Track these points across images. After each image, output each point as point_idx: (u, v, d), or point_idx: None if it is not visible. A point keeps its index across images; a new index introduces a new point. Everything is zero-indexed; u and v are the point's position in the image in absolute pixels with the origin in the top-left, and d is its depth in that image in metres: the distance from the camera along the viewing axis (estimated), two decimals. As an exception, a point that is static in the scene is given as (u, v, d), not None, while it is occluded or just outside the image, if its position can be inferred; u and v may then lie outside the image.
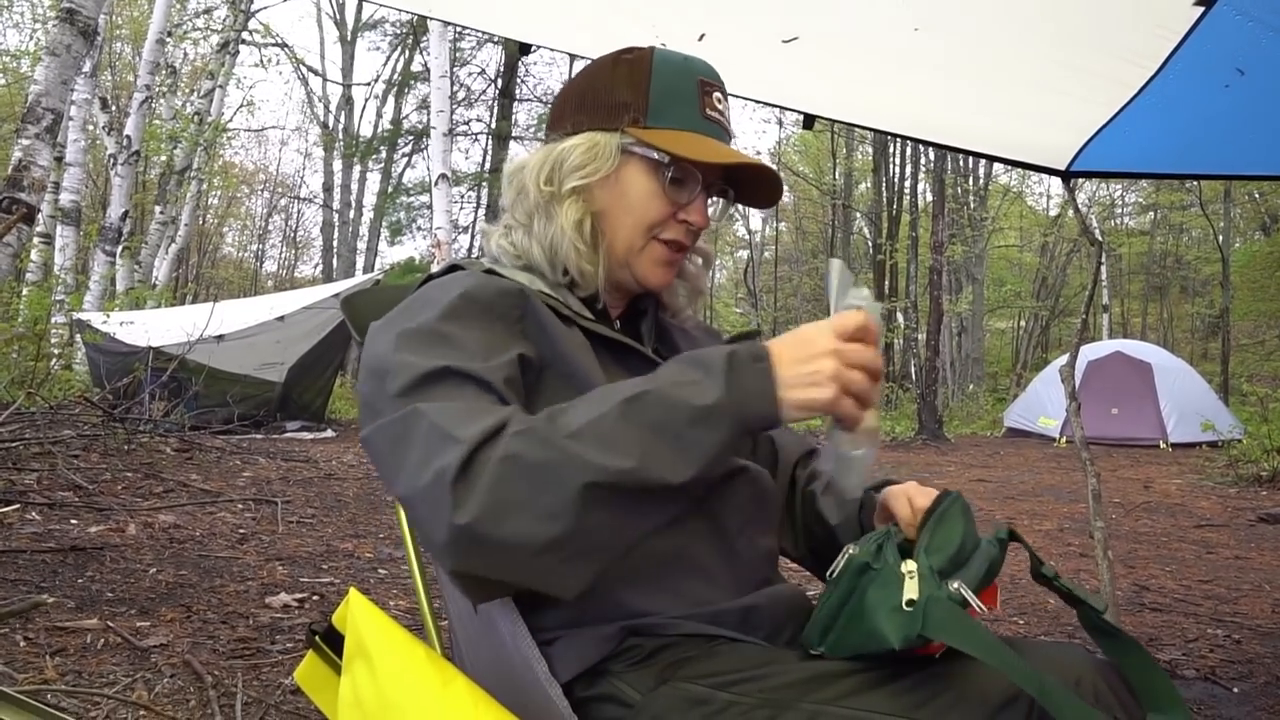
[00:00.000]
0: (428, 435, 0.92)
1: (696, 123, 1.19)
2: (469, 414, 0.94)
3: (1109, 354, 12.96)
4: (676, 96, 1.20)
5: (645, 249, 1.21)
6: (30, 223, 3.98)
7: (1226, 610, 3.96)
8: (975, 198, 26.39)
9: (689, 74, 1.21)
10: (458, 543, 0.87)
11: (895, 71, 2.34)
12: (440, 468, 0.88)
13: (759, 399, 0.93)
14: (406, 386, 0.98)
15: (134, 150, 12.61)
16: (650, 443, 0.89)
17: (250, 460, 7.21)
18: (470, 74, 24.58)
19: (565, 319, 1.14)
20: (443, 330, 1.04)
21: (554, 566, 0.89)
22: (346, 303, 1.40)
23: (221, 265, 33.26)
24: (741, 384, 0.92)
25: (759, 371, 0.93)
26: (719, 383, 0.92)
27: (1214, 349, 25.79)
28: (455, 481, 0.87)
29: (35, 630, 2.78)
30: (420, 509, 0.91)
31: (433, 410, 0.94)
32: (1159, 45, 1.90)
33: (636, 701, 1.01)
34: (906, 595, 0.95)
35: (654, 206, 1.20)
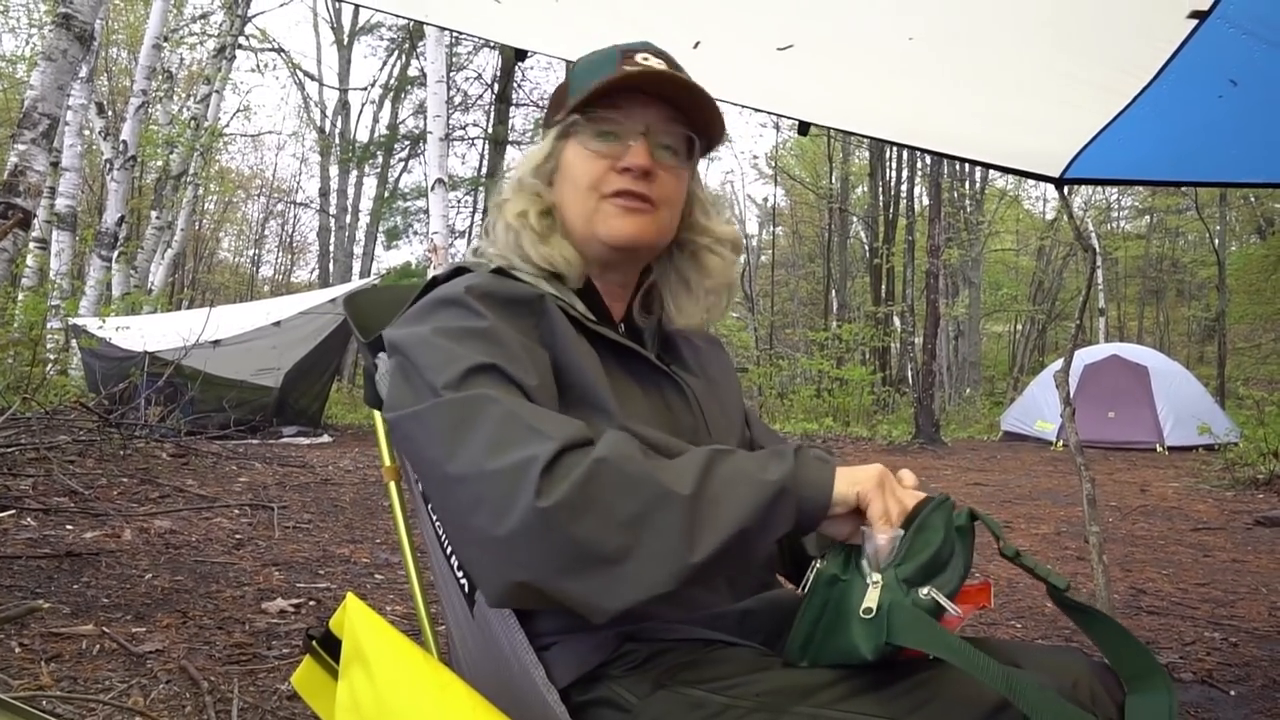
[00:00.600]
0: (506, 422, 0.94)
1: (611, 74, 1.18)
2: (548, 415, 0.97)
3: (1106, 358, 12.97)
4: (594, 68, 1.21)
5: (597, 210, 1.20)
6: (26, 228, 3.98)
7: (1223, 613, 3.96)
8: (971, 202, 26.42)
9: (611, 50, 1.23)
10: (531, 526, 0.88)
11: (889, 79, 2.35)
12: (528, 456, 0.90)
13: (814, 485, 0.99)
14: (460, 375, 0.99)
15: (130, 155, 12.60)
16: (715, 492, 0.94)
17: (246, 465, 7.19)
18: (467, 79, 24.60)
19: (574, 323, 1.15)
20: (484, 329, 1.06)
21: (602, 582, 0.90)
22: (349, 301, 1.40)
23: (218, 270, 33.21)
24: (805, 470, 0.99)
25: (822, 469, 1.00)
26: (787, 465, 0.99)
27: (1210, 352, 25.84)
28: (544, 472, 0.89)
29: (30, 636, 2.78)
30: (486, 491, 0.91)
31: (507, 400, 0.97)
32: (1153, 55, 1.91)
33: (634, 706, 1.01)
34: (865, 604, 0.95)
35: (588, 168, 1.20)
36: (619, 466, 0.92)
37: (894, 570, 0.97)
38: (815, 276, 30.29)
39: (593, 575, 0.89)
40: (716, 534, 0.92)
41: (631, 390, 1.17)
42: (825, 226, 27.33)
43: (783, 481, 0.96)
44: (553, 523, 0.87)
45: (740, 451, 1.02)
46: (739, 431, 1.32)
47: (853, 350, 21.39)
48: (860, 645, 0.95)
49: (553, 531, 0.88)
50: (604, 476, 0.90)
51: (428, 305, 1.12)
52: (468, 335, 1.04)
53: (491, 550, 0.90)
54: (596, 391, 1.09)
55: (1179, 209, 26.70)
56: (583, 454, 0.92)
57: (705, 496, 0.93)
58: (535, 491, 0.87)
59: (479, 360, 1.00)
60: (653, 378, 1.22)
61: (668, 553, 0.90)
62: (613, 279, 1.26)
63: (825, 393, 19.00)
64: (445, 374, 0.99)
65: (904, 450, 12.36)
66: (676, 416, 1.20)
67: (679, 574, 0.90)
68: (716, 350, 1.42)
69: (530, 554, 0.89)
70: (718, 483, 0.95)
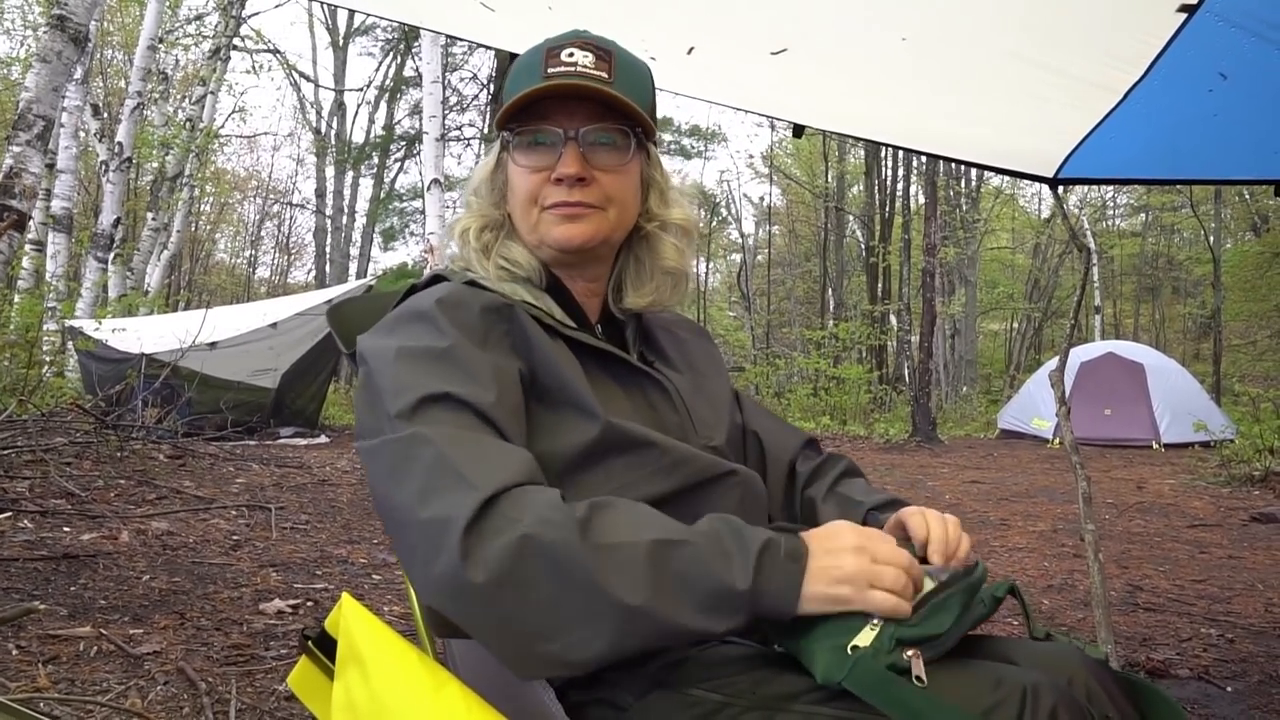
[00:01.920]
0: (434, 467, 0.93)
1: (535, 84, 1.17)
2: (481, 454, 0.95)
3: (1101, 355, 12.98)
4: (522, 73, 1.20)
5: (539, 221, 1.21)
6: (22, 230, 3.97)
7: (1220, 610, 3.97)
8: (967, 200, 26.45)
9: (539, 49, 1.21)
10: (456, 591, 0.88)
11: (884, 81, 2.35)
12: (450, 513, 0.89)
13: (779, 598, 0.93)
14: (408, 408, 0.99)
15: (126, 157, 12.59)
16: (665, 592, 0.90)
17: (243, 467, 7.18)
18: (462, 79, 24.57)
19: (550, 329, 1.15)
20: (443, 350, 1.05)
21: (523, 653, 0.90)
22: (333, 313, 1.39)
23: (214, 271, 33.17)
24: (770, 579, 0.93)
25: (790, 571, 0.94)
26: (748, 570, 0.92)
27: (1206, 349, 25.88)
28: (466, 531, 0.88)
29: (28, 638, 2.77)
30: (418, 541, 0.91)
31: (440, 439, 0.95)
32: (1143, 50, 1.92)
33: (630, 705, 1.01)
34: (854, 640, 0.94)
35: (524, 182, 1.20)
36: (549, 550, 0.88)
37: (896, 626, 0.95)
38: (811, 275, 30.30)
39: (512, 645, 0.89)
40: (652, 635, 0.90)
41: (613, 392, 1.17)
42: (821, 225, 27.34)
43: (743, 593, 0.91)
44: (474, 594, 0.87)
45: (700, 537, 0.94)
46: (727, 424, 1.32)
47: (849, 349, 21.39)
48: (818, 664, 0.94)
49: (473, 602, 0.88)
50: (531, 558, 0.88)
51: (399, 317, 1.13)
52: (427, 357, 1.04)
53: (428, 596, 0.92)
54: (577, 393, 1.10)
55: (1174, 206, 26.74)
56: (513, 508, 0.90)
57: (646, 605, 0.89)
58: (460, 556, 0.87)
59: (431, 390, 1.00)
60: (634, 378, 1.22)
61: (593, 640, 0.89)
62: (580, 277, 1.27)
63: (822, 391, 19.00)
64: (399, 402, 1.00)
65: (901, 448, 12.37)
66: (661, 415, 1.20)
67: (603, 660, 0.91)
68: (701, 341, 1.42)
69: (455, 611, 0.90)
70: (665, 585, 0.90)
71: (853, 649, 0.93)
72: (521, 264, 1.22)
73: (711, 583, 0.91)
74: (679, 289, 1.32)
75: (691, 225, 1.32)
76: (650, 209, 1.28)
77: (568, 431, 1.09)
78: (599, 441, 1.09)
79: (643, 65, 1.25)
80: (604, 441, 1.09)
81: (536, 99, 1.16)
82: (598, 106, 1.18)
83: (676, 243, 1.29)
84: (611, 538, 0.91)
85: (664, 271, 1.29)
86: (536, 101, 1.17)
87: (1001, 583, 1.11)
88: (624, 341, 1.29)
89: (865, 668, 0.91)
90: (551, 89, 1.15)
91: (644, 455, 1.11)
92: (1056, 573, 4.62)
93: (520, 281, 1.22)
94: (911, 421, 13.76)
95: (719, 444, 1.26)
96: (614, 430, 1.09)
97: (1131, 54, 1.93)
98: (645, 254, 1.29)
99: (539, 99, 1.16)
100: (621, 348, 1.26)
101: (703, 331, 1.46)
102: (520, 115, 1.18)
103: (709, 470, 1.15)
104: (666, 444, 1.13)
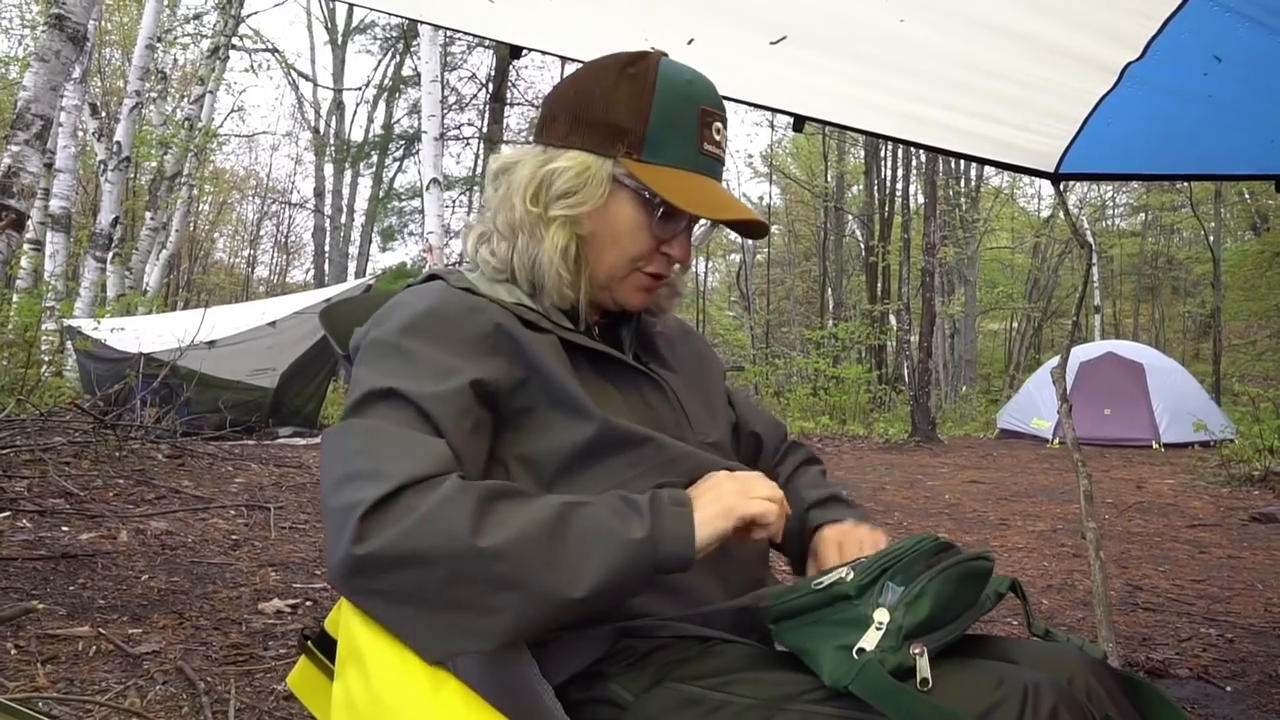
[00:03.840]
0: (353, 458, 0.95)
1: (693, 160, 1.17)
2: (399, 447, 0.96)
3: (1101, 355, 12.98)
4: (675, 129, 1.16)
5: (627, 279, 1.21)
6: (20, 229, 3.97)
7: (1219, 609, 3.97)
8: (967, 200, 26.45)
9: (691, 101, 1.18)
10: (348, 568, 0.90)
11: (883, 67, 2.34)
12: (356, 499, 0.91)
13: (676, 540, 0.98)
14: (355, 401, 1.02)
15: (124, 156, 12.58)
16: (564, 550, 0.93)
17: (242, 466, 7.18)
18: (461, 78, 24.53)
19: (543, 330, 1.14)
20: (403, 345, 1.07)
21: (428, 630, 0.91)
22: (325, 315, 1.38)
23: (213, 271, 33.17)
24: (663, 524, 0.98)
25: (679, 515, 0.99)
26: (645, 521, 0.97)
27: (1206, 349, 25.88)
28: (363, 518, 0.89)
29: (26, 638, 2.77)
30: (331, 526, 0.93)
31: (365, 433, 0.98)
32: (1139, 31, 1.94)
33: (630, 703, 1.01)
34: (861, 643, 0.94)
35: (640, 240, 1.19)
36: (445, 527, 0.90)
37: (903, 615, 0.95)
38: (811, 275, 30.32)
39: (408, 623, 0.91)
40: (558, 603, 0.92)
41: (609, 392, 1.17)
42: (821, 225, 27.36)
43: (642, 540, 0.96)
44: (364, 569, 0.89)
45: (598, 502, 0.99)
46: (723, 422, 1.33)
47: (849, 349, 21.40)
48: (825, 667, 0.94)
49: (363, 577, 0.90)
50: (426, 537, 0.89)
51: (382, 313, 1.15)
52: (388, 353, 1.07)
53: (332, 581, 0.94)
54: (571, 393, 1.09)
55: (1174, 206, 26.75)
56: (418, 497, 0.91)
57: (550, 563, 0.92)
58: (352, 537, 0.88)
59: (378, 385, 1.02)
60: (630, 377, 1.22)
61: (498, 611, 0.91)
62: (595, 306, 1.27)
63: (821, 391, 19.02)
64: (353, 395, 1.04)
65: (900, 448, 12.37)
66: (658, 413, 1.20)
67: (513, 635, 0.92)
68: (693, 340, 1.43)
69: (351, 590, 0.92)
70: (567, 548, 0.93)
71: (859, 651, 0.93)
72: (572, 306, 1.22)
73: (612, 539, 0.95)
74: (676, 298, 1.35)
75: None
76: None
77: (563, 431, 1.09)
78: (595, 440, 1.09)
79: None
80: (600, 440, 1.09)
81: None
82: None
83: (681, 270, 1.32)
84: (511, 512, 0.94)
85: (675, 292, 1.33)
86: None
87: (1003, 578, 1.11)
88: (619, 341, 1.29)
89: (872, 673, 0.91)
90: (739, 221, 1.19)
91: (641, 453, 1.11)
92: (1056, 572, 4.61)
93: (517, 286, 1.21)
94: (911, 421, 13.76)
95: (716, 440, 1.26)
96: (610, 428, 1.09)
97: (1129, 35, 1.95)
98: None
99: None
100: (617, 347, 1.25)
101: (694, 331, 1.47)
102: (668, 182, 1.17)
103: (706, 467, 1.15)
104: (663, 441, 1.13)
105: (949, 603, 0.99)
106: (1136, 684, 1.07)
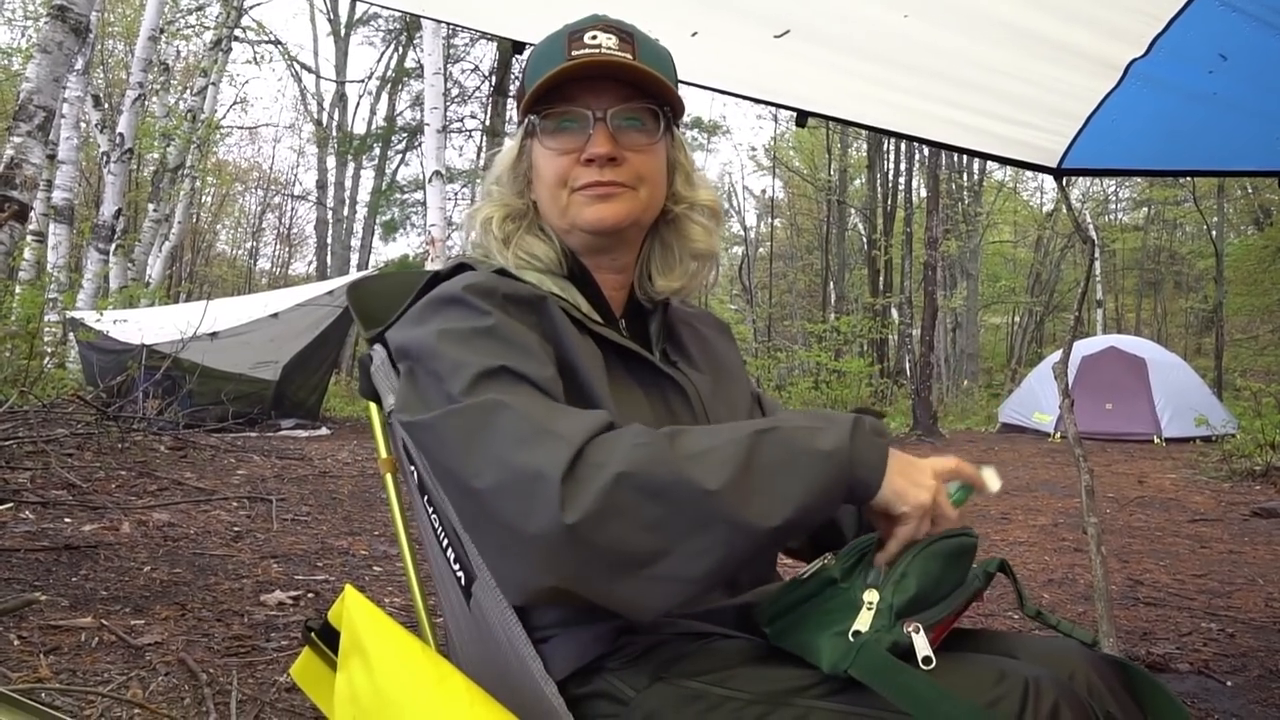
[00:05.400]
0: (520, 426, 0.93)
1: (558, 64, 1.15)
2: (560, 411, 0.96)
3: (1103, 349, 12.98)
4: (544, 58, 1.18)
5: (569, 204, 1.19)
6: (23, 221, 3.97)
7: (1220, 604, 3.97)
8: (969, 193, 26.41)
9: (560, 34, 1.19)
10: (559, 540, 0.87)
11: (887, 62, 2.34)
12: (545, 463, 0.89)
13: (869, 467, 0.97)
14: (468, 383, 0.98)
15: (127, 148, 12.57)
16: (760, 479, 0.92)
17: (245, 458, 7.19)
18: (464, 70, 24.51)
19: (577, 323, 1.14)
20: (489, 328, 1.05)
21: (642, 584, 0.90)
22: (353, 289, 1.36)
23: (215, 263, 33.16)
24: (860, 445, 0.97)
25: (877, 445, 0.98)
26: (843, 434, 0.96)
27: (1208, 344, 25.86)
28: (564, 479, 0.88)
29: (29, 629, 2.78)
30: (508, 505, 0.90)
31: (517, 403, 0.95)
32: (1145, 29, 1.93)
33: (631, 699, 1.01)
34: (855, 626, 0.95)
35: (553, 165, 1.19)
36: (643, 470, 0.89)
37: (891, 594, 0.96)
38: (813, 269, 30.28)
39: (626, 580, 0.90)
40: (761, 528, 0.91)
41: (633, 392, 1.16)
42: (823, 219, 27.32)
43: (837, 451, 0.95)
44: (582, 535, 0.87)
45: (784, 420, 0.98)
46: None
47: (851, 342, 21.39)
48: (823, 654, 0.95)
49: (580, 544, 0.88)
50: (630, 484, 0.89)
51: (430, 305, 1.11)
52: (474, 336, 1.04)
53: (515, 555, 0.91)
54: (595, 394, 1.09)
55: (1177, 200, 26.69)
56: (601, 451, 0.91)
57: (748, 490, 0.91)
58: (559, 502, 0.87)
59: (487, 364, 1.00)
60: (654, 379, 1.21)
61: (706, 549, 0.90)
62: (608, 267, 1.24)
63: (823, 385, 18.98)
64: (456, 381, 0.99)
65: (902, 442, 12.34)
66: (679, 418, 1.19)
67: (720, 570, 0.92)
68: (725, 339, 1.41)
69: (560, 563, 0.89)
70: (760, 470, 0.92)
71: (854, 635, 0.94)
72: (541, 258, 1.21)
73: (806, 449, 0.94)
74: (707, 271, 1.30)
75: (719, 207, 1.30)
76: (677, 191, 1.26)
77: None
78: None
79: (663, 48, 1.24)
80: None
81: (561, 81, 1.14)
82: (625, 87, 1.17)
83: (705, 224, 1.28)
84: (700, 445, 0.94)
85: (693, 255, 1.27)
86: (561, 84, 1.15)
87: (992, 559, 1.11)
88: (647, 336, 1.27)
89: (870, 654, 0.92)
90: (578, 68, 1.13)
91: None
92: (1057, 567, 4.62)
93: (544, 273, 1.21)
94: (912, 415, 13.76)
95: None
96: None
97: (1134, 31, 1.95)
98: (673, 238, 1.27)
99: (564, 81, 1.15)
100: (645, 342, 1.25)
101: (727, 329, 1.44)
102: (545, 99, 1.16)
103: None
104: None
105: (937, 580, 0.99)
106: (1137, 677, 1.07)
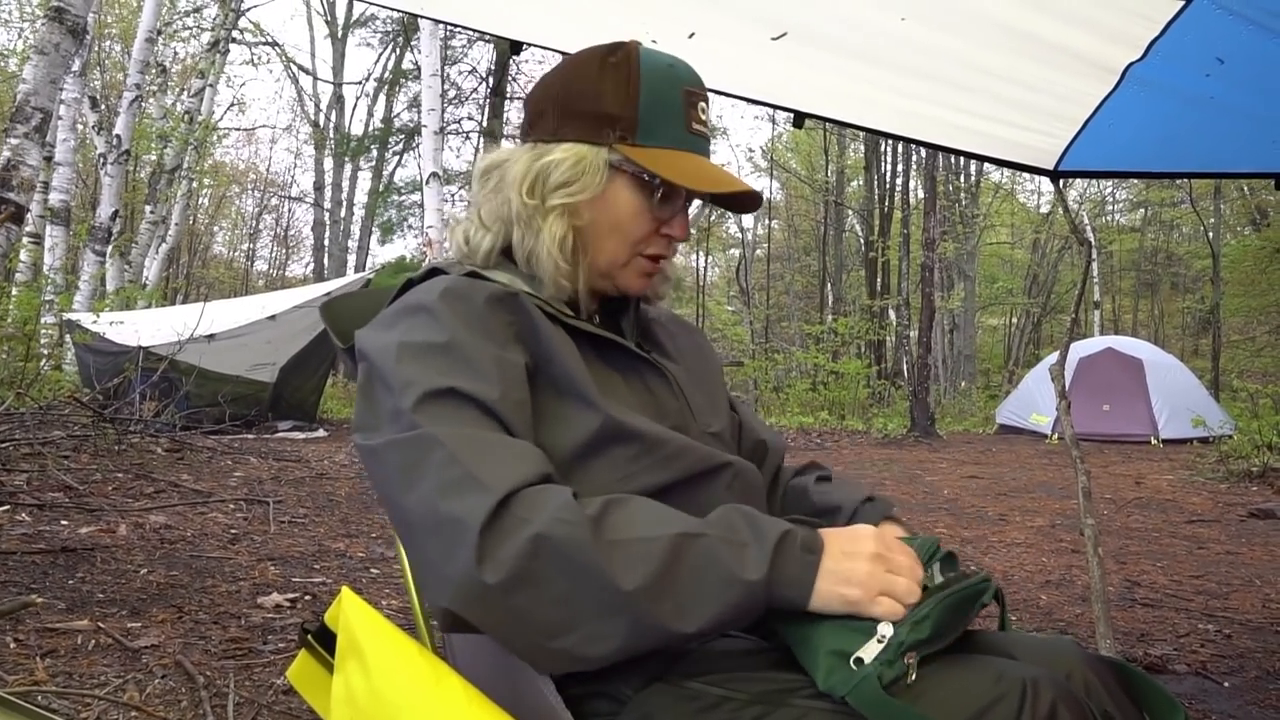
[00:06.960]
0: (445, 468, 0.93)
1: (684, 140, 1.18)
2: (491, 454, 0.95)
3: (1100, 350, 12.99)
4: (664, 111, 1.18)
5: (629, 264, 1.22)
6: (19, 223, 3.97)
7: (1217, 605, 3.98)
8: (967, 195, 26.44)
9: (675, 84, 1.19)
10: (471, 594, 0.88)
11: (883, 65, 2.34)
12: (465, 512, 0.89)
13: (794, 587, 0.95)
14: (413, 404, 0.99)
15: (124, 149, 12.56)
16: (679, 586, 0.91)
17: (242, 460, 7.19)
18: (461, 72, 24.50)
19: (550, 318, 1.15)
20: (445, 343, 1.04)
21: (539, 652, 0.91)
22: (326, 309, 1.37)
23: (212, 265, 33.12)
24: (785, 569, 0.94)
25: (806, 564, 0.96)
26: (764, 560, 0.93)
27: (1205, 345, 25.89)
28: (483, 531, 0.88)
29: (25, 631, 2.77)
30: (431, 545, 0.91)
31: (450, 440, 0.95)
32: (1141, 33, 1.93)
33: (629, 698, 1.00)
34: (860, 653, 0.93)
35: (640, 224, 1.20)
36: (561, 548, 0.89)
37: (906, 633, 0.95)
38: (810, 270, 30.29)
39: (527, 643, 0.90)
40: (666, 630, 0.91)
41: (613, 380, 1.17)
42: (821, 220, 27.33)
43: (757, 583, 0.93)
44: (490, 597, 0.88)
45: (713, 529, 0.96)
46: (724, 414, 1.33)
47: (848, 344, 21.41)
48: (820, 670, 0.94)
49: (490, 603, 0.88)
50: (544, 556, 0.89)
51: (398, 311, 1.11)
52: (428, 351, 1.04)
53: (435, 590, 0.92)
54: (580, 383, 1.09)
55: (1174, 202, 26.73)
56: (528, 507, 0.91)
57: (662, 595, 0.90)
58: (475, 555, 0.87)
59: (434, 385, 1.00)
60: (633, 365, 1.22)
61: (607, 635, 0.90)
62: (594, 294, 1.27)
63: (821, 386, 19.01)
64: (402, 399, 0.99)
65: (899, 443, 12.38)
66: (660, 402, 1.20)
67: (618, 655, 0.92)
68: (692, 335, 1.43)
69: (470, 609, 0.90)
70: (679, 577, 0.91)
71: (856, 662, 0.93)
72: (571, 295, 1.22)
73: (726, 573, 0.92)
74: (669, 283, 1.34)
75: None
76: None
77: (569, 423, 1.09)
78: (599, 434, 1.09)
79: None
80: (603, 433, 1.09)
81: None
82: None
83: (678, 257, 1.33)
84: (624, 534, 0.92)
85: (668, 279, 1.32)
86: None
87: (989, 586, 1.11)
88: (620, 330, 1.29)
89: (869, 689, 0.91)
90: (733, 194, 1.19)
91: (643, 447, 1.11)
92: (1054, 568, 4.62)
93: (516, 274, 1.21)
94: (910, 416, 13.77)
95: (718, 430, 1.27)
96: (613, 423, 1.09)
97: (1131, 35, 1.95)
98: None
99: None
100: (619, 333, 1.26)
101: (693, 326, 1.48)
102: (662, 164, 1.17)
103: (707, 462, 1.15)
104: (665, 436, 1.13)
105: (950, 624, 0.99)
106: (1134, 677, 1.07)
